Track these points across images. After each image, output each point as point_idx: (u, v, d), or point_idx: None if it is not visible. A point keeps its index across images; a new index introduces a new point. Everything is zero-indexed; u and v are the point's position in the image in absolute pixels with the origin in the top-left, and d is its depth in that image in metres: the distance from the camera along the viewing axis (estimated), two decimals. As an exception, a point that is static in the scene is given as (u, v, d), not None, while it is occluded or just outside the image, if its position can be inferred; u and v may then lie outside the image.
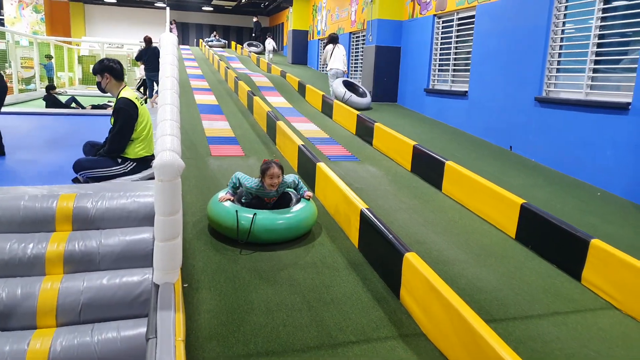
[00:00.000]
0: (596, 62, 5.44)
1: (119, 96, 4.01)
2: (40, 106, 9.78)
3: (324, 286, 3.10)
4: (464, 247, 3.84)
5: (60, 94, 9.96)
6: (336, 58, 9.52)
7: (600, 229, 3.98)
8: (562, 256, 3.56)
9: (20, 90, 11.79)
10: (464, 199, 4.75)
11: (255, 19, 22.10)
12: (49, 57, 15.08)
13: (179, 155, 1.92)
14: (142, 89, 12.24)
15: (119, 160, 3.92)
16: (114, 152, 3.91)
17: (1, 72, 4.29)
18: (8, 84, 12.41)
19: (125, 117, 3.80)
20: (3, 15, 20.96)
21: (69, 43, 17.32)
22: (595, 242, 3.29)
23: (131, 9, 24.95)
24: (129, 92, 4.02)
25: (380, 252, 3.32)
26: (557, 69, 6.01)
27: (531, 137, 6.31)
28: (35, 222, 2.74)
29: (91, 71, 4.19)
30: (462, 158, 6.08)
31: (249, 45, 20.81)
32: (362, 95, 9.38)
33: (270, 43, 18.26)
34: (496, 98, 6.99)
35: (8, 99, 10.40)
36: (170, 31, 21.47)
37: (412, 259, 2.86)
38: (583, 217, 4.31)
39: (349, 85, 9.45)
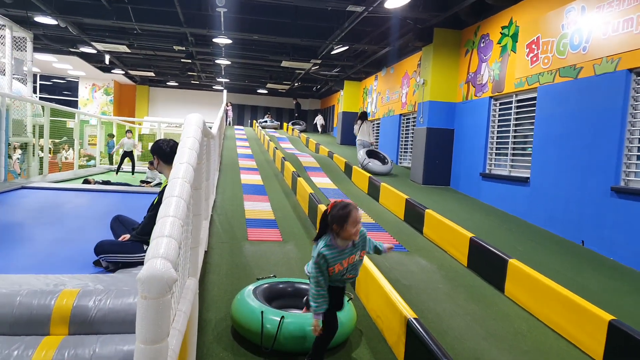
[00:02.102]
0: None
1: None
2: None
3: (360, 422, 2.47)
4: (539, 373, 3.09)
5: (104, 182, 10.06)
6: (364, 131, 11.23)
7: None
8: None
9: (80, 166, 12.30)
10: (532, 305, 4.01)
11: (295, 101, 24.70)
12: (111, 135, 15.96)
13: (174, 264, 1.51)
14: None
15: (145, 247, 3.60)
16: (145, 234, 3.62)
17: None
18: (70, 160, 13.05)
19: (166, 202, 3.54)
20: (78, 98, 22.95)
21: (132, 122, 18.39)
22: None
23: (191, 91, 26.63)
24: None
25: (432, 379, 2.67)
26: (637, 155, 5.33)
27: (607, 231, 5.51)
28: (29, 323, 2.38)
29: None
30: (525, 253, 5.37)
31: (294, 124, 23.18)
32: (383, 162, 10.70)
33: (320, 119, 22.67)
34: (562, 186, 6.31)
35: (67, 174, 10.84)
36: (226, 112, 22.60)
37: (475, 400, 2.21)
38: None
39: (373, 154, 10.90)
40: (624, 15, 5.40)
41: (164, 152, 3.88)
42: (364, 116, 11.57)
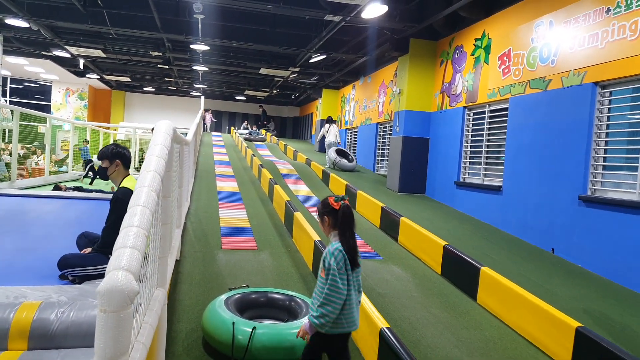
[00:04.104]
0: (648, 159, 4.93)
1: (121, 185, 3.73)
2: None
3: None
4: (508, 381, 3.13)
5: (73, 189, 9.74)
6: (331, 133, 13.22)
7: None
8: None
9: (51, 172, 11.98)
10: (503, 313, 4.06)
11: (261, 108, 25.10)
12: (86, 141, 15.58)
13: (136, 275, 1.47)
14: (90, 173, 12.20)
15: (110, 257, 3.52)
16: (106, 246, 3.53)
17: None
18: (40, 166, 12.70)
19: (122, 209, 3.46)
20: (51, 102, 22.37)
21: (107, 128, 18.05)
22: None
23: (168, 97, 26.25)
24: (132, 181, 3.73)
25: (403, 388, 2.67)
26: (603, 165, 5.49)
27: (576, 239, 5.65)
28: (-15, 339, 2.29)
29: (97, 157, 4.00)
30: (498, 260, 5.45)
31: (267, 129, 23.96)
32: (350, 160, 12.40)
33: (272, 124, 25.78)
34: (534, 194, 6.45)
35: (37, 180, 10.54)
36: (204, 119, 22.40)
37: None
38: (654, 345, 3.55)
39: (342, 152, 12.57)
40: (590, 30, 5.58)
41: (127, 157, 3.86)
42: (331, 120, 13.82)
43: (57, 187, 9.01)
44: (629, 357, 2.95)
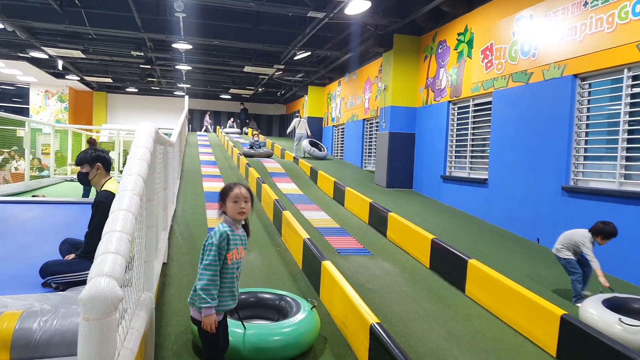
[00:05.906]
0: (628, 149, 5.01)
1: (102, 188, 3.67)
2: (51, 194, 9.62)
3: None
4: (498, 372, 3.16)
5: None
6: (301, 127, 14.44)
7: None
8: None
9: (32, 177, 11.74)
10: (491, 304, 4.11)
11: (242, 106, 25.24)
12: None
13: (119, 281, 1.45)
14: None
15: (94, 263, 3.46)
16: (90, 252, 3.47)
17: None
18: (20, 170, 12.43)
19: (105, 212, 3.40)
20: (29, 105, 21.93)
21: (90, 130, 17.76)
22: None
23: (151, 97, 25.93)
24: (114, 184, 3.67)
25: (394, 384, 2.67)
26: (584, 156, 5.57)
27: (560, 228, 5.69)
28: (-34, 350, 2.23)
29: (75, 162, 3.90)
30: (485, 252, 5.51)
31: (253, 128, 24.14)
32: (321, 150, 14.41)
33: (253, 124, 25.99)
34: (519, 186, 6.52)
35: (18, 186, 10.33)
36: (200, 124, 22.41)
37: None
38: (638, 331, 3.61)
39: (314, 144, 14.45)
40: (569, 23, 5.65)
41: (107, 160, 3.82)
42: (299, 115, 15.70)
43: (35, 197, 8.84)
44: (612, 342, 3.00)
